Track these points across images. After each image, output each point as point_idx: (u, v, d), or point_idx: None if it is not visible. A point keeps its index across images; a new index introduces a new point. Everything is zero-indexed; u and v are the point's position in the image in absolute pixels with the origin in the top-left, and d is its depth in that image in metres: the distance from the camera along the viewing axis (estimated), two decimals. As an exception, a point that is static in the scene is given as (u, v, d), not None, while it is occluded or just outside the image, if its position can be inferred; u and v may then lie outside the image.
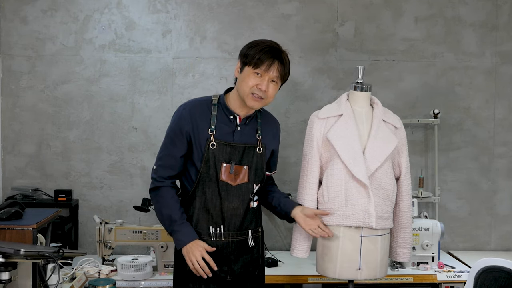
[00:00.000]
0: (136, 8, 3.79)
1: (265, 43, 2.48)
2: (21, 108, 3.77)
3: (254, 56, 2.43)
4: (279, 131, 2.72)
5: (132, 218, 3.72)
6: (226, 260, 2.54)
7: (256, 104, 2.49)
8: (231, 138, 2.52)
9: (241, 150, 2.52)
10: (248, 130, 2.57)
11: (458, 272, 3.41)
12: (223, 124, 2.53)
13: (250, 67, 2.44)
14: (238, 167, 2.52)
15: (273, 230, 3.89)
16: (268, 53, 2.44)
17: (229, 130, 2.53)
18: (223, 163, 2.49)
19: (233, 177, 2.51)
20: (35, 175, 3.79)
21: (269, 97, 2.49)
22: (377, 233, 2.72)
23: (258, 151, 2.57)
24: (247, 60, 2.45)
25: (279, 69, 2.46)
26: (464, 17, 3.92)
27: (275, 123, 2.70)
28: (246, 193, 2.54)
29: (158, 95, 3.81)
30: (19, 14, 3.74)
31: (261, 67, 2.43)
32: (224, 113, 2.54)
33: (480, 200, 3.98)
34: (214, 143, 2.48)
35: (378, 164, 2.69)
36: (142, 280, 3.24)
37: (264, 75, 2.44)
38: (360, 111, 2.78)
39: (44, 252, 2.25)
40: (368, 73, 3.60)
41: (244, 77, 2.46)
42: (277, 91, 2.54)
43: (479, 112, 3.95)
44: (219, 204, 2.51)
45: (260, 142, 2.58)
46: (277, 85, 2.50)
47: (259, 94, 2.45)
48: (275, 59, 2.44)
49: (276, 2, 3.85)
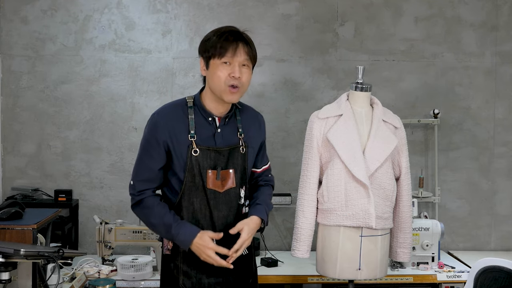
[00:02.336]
0: (136, 8, 3.79)
1: (221, 29, 2.31)
2: (21, 108, 3.77)
3: (215, 46, 2.25)
4: (262, 123, 2.50)
5: (132, 218, 3.70)
6: (220, 272, 2.35)
7: (234, 97, 2.29)
8: (213, 142, 2.33)
9: (226, 154, 2.33)
10: (229, 130, 2.37)
11: (458, 272, 3.41)
12: (202, 127, 2.32)
13: (216, 59, 2.26)
14: (224, 172, 2.32)
15: (273, 230, 3.89)
16: (228, 38, 2.26)
17: (209, 134, 2.33)
18: (208, 170, 2.29)
19: (220, 183, 2.32)
20: (35, 175, 3.79)
21: (245, 83, 2.29)
22: (377, 233, 2.72)
23: (242, 151, 2.37)
24: (209, 53, 2.27)
25: (246, 50, 2.27)
26: (464, 17, 3.92)
27: (256, 116, 2.49)
28: (234, 199, 2.35)
29: (158, 95, 3.81)
30: (19, 14, 3.74)
31: (226, 54, 2.24)
32: (202, 115, 2.34)
33: (480, 200, 3.98)
34: (197, 149, 2.28)
35: (378, 164, 2.69)
36: (142, 280, 3.24)
37: (233, 61, 2.26)
38: (360, 111, 2.78)
39: (44, 252, 2.25)
40: (368, 73, 3.60)
41: (213, 72, 2.27)
42: (251, 76, 2.34)
43: (479, 112, 3.95)
44: (209, 213, 2.32)
45: (242, 141, 2.38)
46: (249, 68, 2.31)
47: (234, 83, 2.25)
48: (238, 42, 2.26)
49: (276, 2, 3.85)
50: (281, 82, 3.86)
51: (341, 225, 2.70)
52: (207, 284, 2.36)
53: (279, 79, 3.84)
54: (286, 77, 3.87)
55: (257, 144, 2.46)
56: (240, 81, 2.28)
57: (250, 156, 2.43)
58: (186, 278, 2.36)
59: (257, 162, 2.50)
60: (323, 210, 2.75)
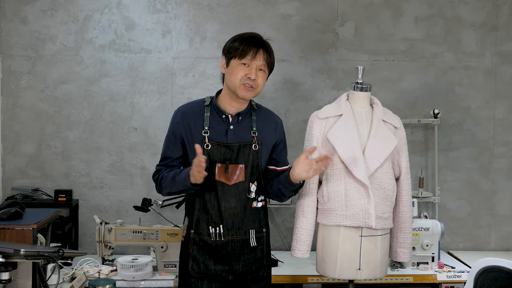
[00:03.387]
0: (136, 8, 3.79)
1: (246, 34, 2.54)
2: (21, 108, 3.77)
3: (238, 48, 2.48)
4: (279, 124, 2.69)
5: (132, 218, 3.72)
6: (227, 259, 2.55)
7: (248, 94, 2.50)
8: (225, 138, 2.54)
9: (235, 149, 2.53)
10: (242, 128, 2.57)
11: (458, 272, 3.41)
12: (216, 124, 2.55)
13: (236, 59, 2.49)
14: (234, 166, 2.52)
15: (273, 230, 3.89)
16: (251, 42, 2.49)
17: (222, 130, 2.55)
18: (217, 163, 2.51)
19: (229, 176, 2.52)
20: (35, 175, 3.79)
21: (259, 86, 2.52)
22: (377, 233, 2.72)
23: (254, 148, 2.55)
24: (232, 54, 2.50)
25: (264, 57, 2.50)
26: (464, 17, 3.92)
27: (273, 117, 2.69)
28: (243, 192, 2.54)
29: (158, 95, 3.81)
30: (19, 14, 3.74)
31: (247, 56, 2.47)
32: (216, 113, 2.57)
33: (480, 200, 3.98)
34: (209, 144, 2.51)
35: (378, 164, 2.69)
36: (142, 280, 3.24)
37: (251, 64, 2.48)
38: (360, 111, 2.78)
39: (44, 252, 2.25)
40: (368, 73, 3.60)
41: (232, 70, 2.50)
42: (266, 81, 2.56)
43: (479, 112, 3.95)
44: (217, 204, 2.52)
45: (255, 139, 2.57)
46: (265, 73, 2.54)
47: (250, 83, 2.48)
48: (259, 48, 2.50)
49: (276, 2, 3.85)
50: (281, 82, 3.86)
51: (341, 225, 2.70)
52: (213, 270, 2.55)
53: (279, 79, 3.84)
54: (286, 77, 3.87)
55: (271, 143, 2.63)
56: (255, 83, 2.50)
57: (264, 153, 2.60)
58: (194, 263, 2.56)
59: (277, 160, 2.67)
60: (323, 210, 2.75)
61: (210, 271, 2.55)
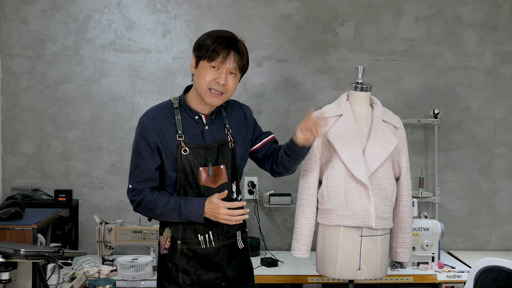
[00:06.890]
0: (136, 8, 3.79)
1: (218, 33, 2.35)
2: (21, 108, 3.77)
3: (208, 49, 2.29)
4: (248, 113, 2.55)
5: (132, 218, 3.71)
6: (218, 266, 2.42)
7: (216, 101, 2.35)
8: (202, 139, 2.39)
9: (215, 150, 2.39)
10: (217, 127, 2.43)
11: (458, 272, 3.41)
12: (189, 126, 2.39)
13: (205, 61, 2.31)
14: (216, 168, 2.38)
15: (273, 230, 3.89)
16: (222, 43, 2.30)
17: (197, 132, 2.39)
18: (199, 167, 2.36)
19: (213, 179, 2.38)
20: (35, 175, 3.79)
21: (229, 90, 2.35)
22: (377, 233, 2.72)
23: (230, 147, 2.43)
24: (201, 54, 2.31)
25: (236, 59, 2.32)
26: (464, 17, 3.92)
27: (240, 108, 2.54)
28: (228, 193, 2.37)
29: (158, 95, 3.81)
30: (19, 14, 3.74)
31: (216, 59, 2.29)
32: (188, 114, 2.40)
33: (480, 200, 3.98)
34: (186, 148, 2.34)
35: (378, 164, 2.69)
36: (142, 280, 3.24)
37: (221, 67, 2.31)
38: (360, 111, 2.78)
39: (44, 252, 2.26)
40: (368, 73, 3.60)
41: (200, 73, 2.33)
42: (237, 84, 2.40)
43: (479, 112, 3.95)
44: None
45: (230, 136, 2.44)
46: (236, 77, 2.37)
47: (218, 89, 2.32)
48: (230, 50, 2.31)
49: (276, 2, 3.85)
50: (281, 82, 3.86)
51: (341, 225, 2.70)
52: (206, 279, 2.41)
53: (279, 79, 3.84)
54: (286, 77, 3.87)
55: (246, 137, 2.51)
56: (225, 88, 2.34)
57: (239, 151, 2.48)
58: (185, 275, 2.40)
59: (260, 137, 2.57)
60: (323, 210, 2.75)
61: (203, 281, 2.41)
